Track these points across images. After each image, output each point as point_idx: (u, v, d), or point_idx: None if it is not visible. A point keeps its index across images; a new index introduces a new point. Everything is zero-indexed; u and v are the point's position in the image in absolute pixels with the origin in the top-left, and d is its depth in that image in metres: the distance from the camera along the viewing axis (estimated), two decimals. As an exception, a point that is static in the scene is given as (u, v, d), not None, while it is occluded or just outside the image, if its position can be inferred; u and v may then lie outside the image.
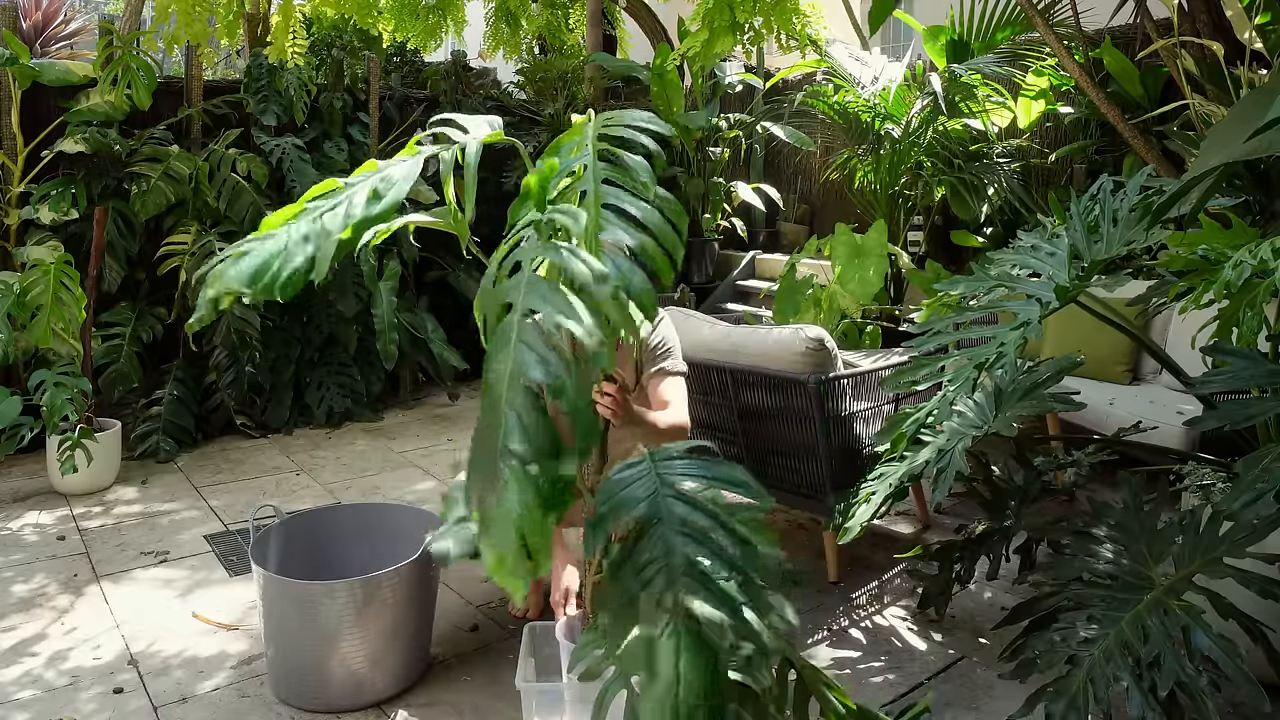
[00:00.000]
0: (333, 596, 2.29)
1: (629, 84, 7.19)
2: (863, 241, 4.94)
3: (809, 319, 4.69)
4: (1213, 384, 2.02)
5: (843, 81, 5.29)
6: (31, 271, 3.83)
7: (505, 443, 1.07)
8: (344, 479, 4.16)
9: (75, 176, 4.43)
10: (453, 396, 5.51)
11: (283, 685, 2.40)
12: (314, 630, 2.30)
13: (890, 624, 2.79)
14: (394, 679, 2.41)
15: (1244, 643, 1.74)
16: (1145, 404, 3.57)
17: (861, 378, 3.05)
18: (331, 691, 2.34)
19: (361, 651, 2.33)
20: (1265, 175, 2.93)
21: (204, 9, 4.87)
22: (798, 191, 7.12)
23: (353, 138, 5.44)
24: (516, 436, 1.08)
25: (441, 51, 6.96)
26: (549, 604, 2.41)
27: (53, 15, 8.56)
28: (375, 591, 2.32)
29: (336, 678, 2.33)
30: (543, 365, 1.13)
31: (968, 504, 3.60)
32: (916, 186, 5.37)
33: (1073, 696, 1.76)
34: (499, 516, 1.03)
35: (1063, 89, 4.90)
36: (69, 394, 3.66)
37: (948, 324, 2.37)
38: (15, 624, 2.81)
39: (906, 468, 2.40)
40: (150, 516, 3.70)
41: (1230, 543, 1.82)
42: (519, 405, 1.10)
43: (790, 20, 5.58)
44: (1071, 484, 2.75)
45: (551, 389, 1.11)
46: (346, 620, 2.30)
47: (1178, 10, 3.50)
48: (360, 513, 2.79)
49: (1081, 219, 2.44)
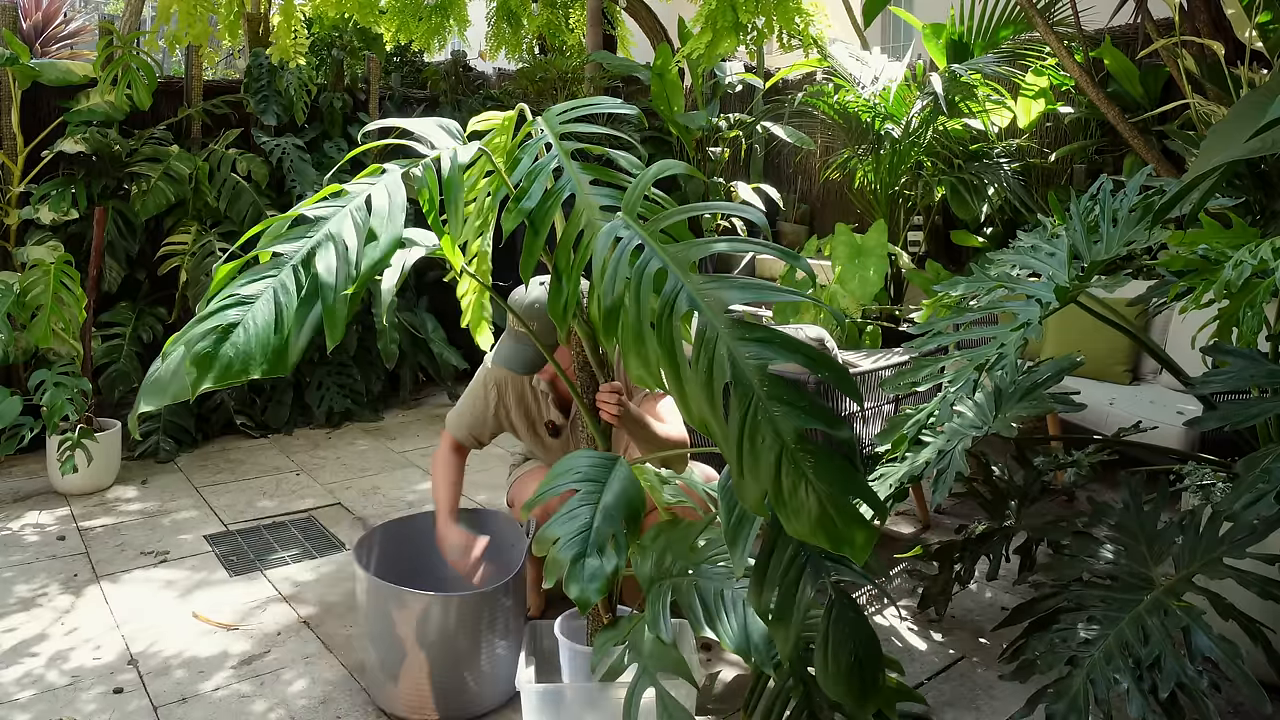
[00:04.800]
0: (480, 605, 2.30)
1: (629, 84, 7.18)
2: (863, 241, 4.94)
3: (809, 319, 4.69)
4: (1213, 384, 2.01)
5: (843, 81, 5.29)
6: (31, 271, 3.84)
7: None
8: (344, 479, 4.16)
9: (75, 176, 4.43)
10: (453, 396, 5.51)
11: (383, 693, 2.38)
12: (453, 639, 2.29)
13: (890, 624, 2.79)
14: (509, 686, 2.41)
15: (1244, 643, 1.74)
16: (1145, 404, 3.57)
17: (861, 378, 3.05)
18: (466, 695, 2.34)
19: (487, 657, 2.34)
20: (1265, 175, 2.93)
21: (205, 9, 4.86)
22: (798, 191, 7.12)
23: (353, 138, 5.44)
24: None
25: (442, 51, 6.95)
26: (549, 604, 2.41)
27: (53, 15, 8.55)
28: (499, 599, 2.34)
29: (470, 686, 2.33)
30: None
31: (968, 504, 3.60)
32: (916, 186, 5.37)
33: (1073, 697, 1.75)
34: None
35: (1063, 89, 4.89)
36: (69, 394, 3.66)
37: (948, 324, 2.37)
38: (15, 624, 2.81)
39: (907, 468, 2.39)
40: (150, 516, 3.70)
41: (1230, 543, 1.82)
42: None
43: (793, 19, 5.57)
44: (1071, 484, 2.75)
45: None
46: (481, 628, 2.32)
47: (1178, 10, 3.50)
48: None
49: (1081, 219, 2.43)
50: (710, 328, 1.27)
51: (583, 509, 1.54)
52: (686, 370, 1.29)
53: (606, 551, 1.45)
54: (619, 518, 1.50)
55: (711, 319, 1.28)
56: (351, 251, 1.32)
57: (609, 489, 1.57)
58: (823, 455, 1.20)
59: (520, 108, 1.78)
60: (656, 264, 1.37)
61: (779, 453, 1.20)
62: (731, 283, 1.34)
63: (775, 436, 1.20)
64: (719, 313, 1.29)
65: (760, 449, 1.21)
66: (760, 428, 1.21)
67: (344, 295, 1.28)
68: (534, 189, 1.55)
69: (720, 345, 1.25)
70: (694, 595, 1.66)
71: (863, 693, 1.46)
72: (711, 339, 1.26)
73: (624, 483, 1.57)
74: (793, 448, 1.20)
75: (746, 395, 1.22)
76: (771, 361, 1.24)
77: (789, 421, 1.21)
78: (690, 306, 1.31)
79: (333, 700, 2.42)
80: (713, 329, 1.27)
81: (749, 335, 1.26)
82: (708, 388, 1.25)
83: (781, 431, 1.21)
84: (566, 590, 1.43)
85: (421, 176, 1.50)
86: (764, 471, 1.21)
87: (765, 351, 1.24)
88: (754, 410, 1.22)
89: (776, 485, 1.21)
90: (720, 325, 1.27)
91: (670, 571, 1.75)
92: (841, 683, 1.45)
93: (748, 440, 1.22)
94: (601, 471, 1.62)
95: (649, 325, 1.32)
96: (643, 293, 1.34)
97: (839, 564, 1.54)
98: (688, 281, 1.33)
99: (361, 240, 1.34)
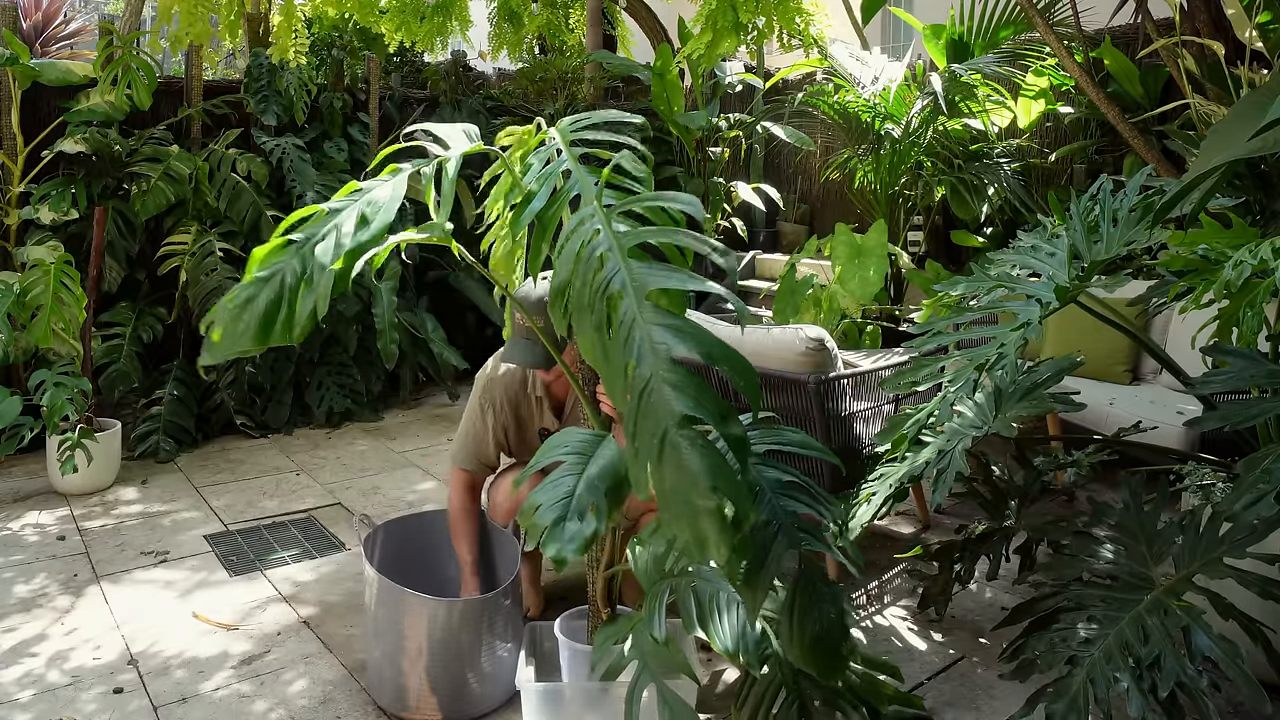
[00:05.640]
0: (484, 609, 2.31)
1: (629, 83, 7.18)
2: (863, 241, 4.94)
3: (809, 319, 4.69)
4: (1213, 384, 2.02)
5: (843, 81, 5.29)
6: (31, 271, 3.84)
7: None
8: (344, 479, 4.16)
9: (75, 176, 4.43)
10: (453, 396, 5.51)
11: (386, 693, 2.38)
12: (460, 641, 2.30)
13: (890, 624, 2.79)
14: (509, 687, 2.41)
15: (1244, 643, 1.74)
16: (1145, 404, 3.57)
17: (861, 378, 3.05)
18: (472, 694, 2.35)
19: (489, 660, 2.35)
20: (1265, 175, 2.93)
21: (206, 8, 4.87)
22: (797, 191, 7.12)
23: (353, 138, 5.44)
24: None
25: (444, 51, 6.95)
26: (549, 604, 2.42)
27: (53, 15, 8.55)
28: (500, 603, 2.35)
29: (473, 688, 2.34)
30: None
31: (968, 504, 3.60)
32: (916, 186, 5.37)
33: (1073, 697, 1.75)
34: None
35: (1063, 89, 4.90)
36: (69, 394, 3.66)
37: (948, 324, 2.37)
38: (16, 624, 2.81)
39: (907, 468, 2.39)
40: (150, 516, 3.70)
41: (1230, 543, 1.82)
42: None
43: (793, 19, 5.57)
44: (1071, 484, 2.75)
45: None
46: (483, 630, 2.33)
47: (1178, 10, 3.50)
48: (443, 519, 2.76)
49: (1081, 219, 2.43)
50: (629, 310, 1.33)
51: (567, 478, 1.57)
52: (611, 348, 1.34)
53: (587, 517, 1.46)
54: (601, 488, 1.51)
55: (634, 302, 1.33)
56: (345, 236, 1.47)
57: (594, 461, 1.59)
58: (699, 444, 1.21)
59: (538, 120, 1.86)
60: (604, 247, 1.43)
61: (661, 435, 1.23)
62: (663, 271, 1.39)
63: (659, 419, 1.23)
64: (641, 297, 1.34)
65: (645, 427, 1.25)
66: (652, 409, 1.24)
67: (329, 271, 1.42)
68: (543, 191, 1.60)
69: (637, 328, 1.31)
70: (690, 596, 1.67)
71: (830, 664, 1.50)
72: (629, 320, 1.32)
73: (610, 457, 1.59)
74: (674, 432, 1.22)
75: (645, 377, 1.27)
76: (674, 348, 1.28)
77: (676, 405, 1.23)
78: (620, 287, 1.36)
79: (333, 700, 2.42)
80: (630, 311, 1.33)
81: (664, 321, 1.31)
82: (621, 365, 1.30)
83: (666, 415, 1.23)
84: (545, 550, 1.44)
85: (430, 174, 1.62)
86: (644, 453, 1.24)
87: (671, 338, 1.29)
88: (648, 391, 1.25)
89: (658, 467, 1.23)
90: (637, 309, 1.33)
91: (671, 572, 1.76)
92: (806, 652, 1.48)
93: (641, 419, 1.25)
94: (589, 446, 1.65)
95: (585, 304, 1.39)
96: (587, 271, 1.42)
97: (809, 535, 1.57)
98: (624, 264, 1.39)
99: (356, 226, 1.49)
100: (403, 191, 1.56)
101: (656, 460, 1.22)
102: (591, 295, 1.38)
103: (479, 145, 1.72)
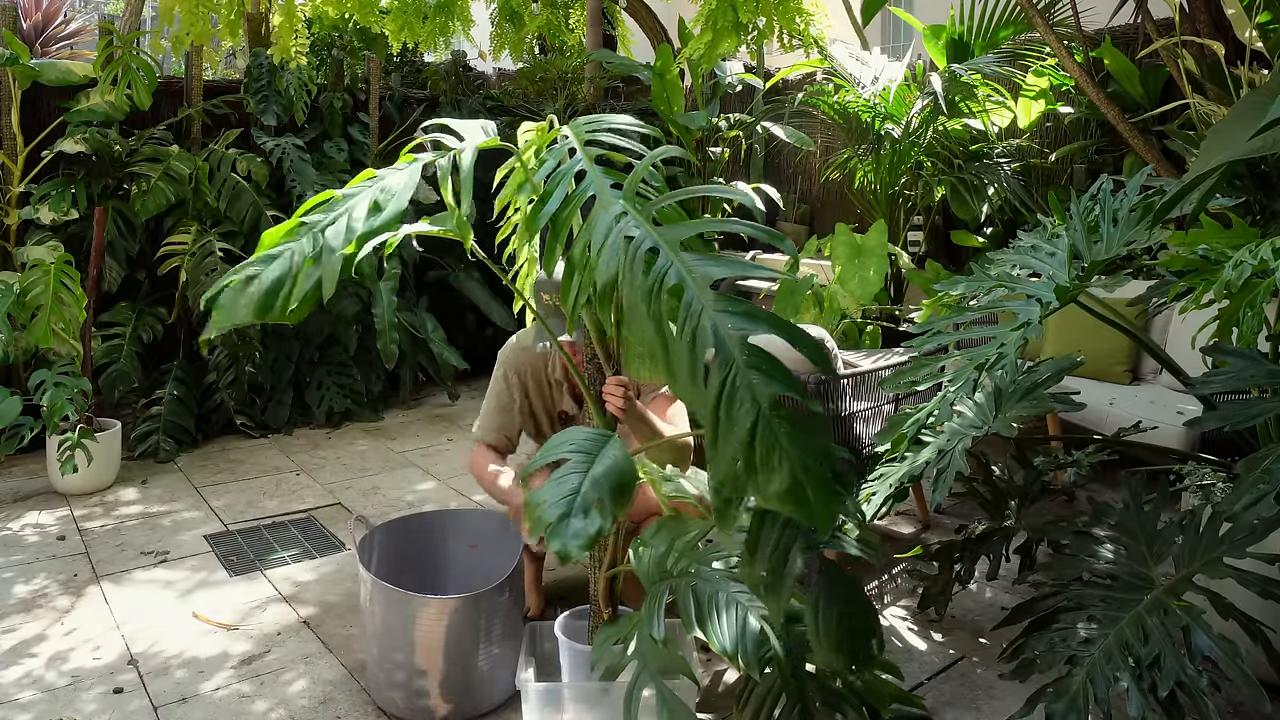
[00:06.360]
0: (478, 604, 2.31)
1: (629, 83, 7.18)
2: (863, 241, 4.94)
3: (809, 319, 4.69)
4: (1213, 384, 2.02)
5: (843, 81, 5.29)
6: (31, 271, 3.84)
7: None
8: (344, 479, 4.16)
9: (75, 176, 4.43)
10: (453, 396, 5.51)
11: (385, 693, 2.38)
12: (463, 639, 2.30)
13: (890, 624, 2.79)
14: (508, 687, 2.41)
15: (1244, 643, 1.74)
16: (1145, 404, 3.57)
17: (861, 378, 3.05)
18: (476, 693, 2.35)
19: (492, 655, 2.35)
20: (1265, 175, 2.93)
21: (207, 8, 4.87)
22: (798, 191, 7.12)
23: (353, 138, 5.44)
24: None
25: (446, 50, 6.95)
26: (549, 604, 2.42)
27: (53, 15, 8.55)
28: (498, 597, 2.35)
29: (477, 683, 2.34)
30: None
31: (968, 504, 3.60)
32: (916, 186, 5.37)
33: (1073, 697, 1.75)
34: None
35: (1063, 89, 4.89)
36: (69, 394, 3.66)
37: (948, 324, 2.37)
38: (15, 624, 2.81)
39: (907, 468, 2.40)
40: (150, 516, 3.70)
41: (1230, 543, 1.82)
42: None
43: (793, 19, 5.56)
44: (1071, 484, 2.75)
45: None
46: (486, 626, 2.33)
47: (1178, 10, 3.50)
48: (441, 519, 2.76)
49: (1081, 219, 2.43)
50: (696, 300, 1.33)
51: (572, 475, 1.57)
52: (673, 341, 1.33)
53: (591, 514, 1.46)
54: (606, 487, 1.51)
55: (697, 292, 1.34)
56: (357, 221, 1.50)
57: (600, 461, 1.59)
58: (798, 423, 1.24)
59: (550, 118, 1.86)
60: (649, 243, 1.44)
61: (755, 418, 1.23)
62: (717, 261, 1.41)
63: (753, 401, 1.24)
64: (704, 287, 1.35)
65: (736, 414, 1.25)
66: (738, 393, 1.25)
67: (339, 254, 1.45)
68: (557, 191, 1.62)
69: (705, 317, 1.31)
70: (689, 596, 1.67)
71: (853, 656, 1.50)
72: (697, 310, 1.32)
73: (616, 456, 1.59)
74: (769, 413, 1.22)
75: (727, 362, 1.27)
76: (752, 333, 1.29)
77: (766, 388, 1.24)
78: (678, 280, 1.37)
79: (333, 700, 2.42)
80: (698, 301, 1.33)
81: (732, 309, 1.32)
82: (691, 356, 1.30)
83: (759, 397, 1.24)
84: (549, 546, 1.44)
85: (446, 166, 1.65)
86: (738, 436, 1.24)
87: (746, 323, 1.30)
88: (733, 376, 1.26)
89: (750, 451, 1.23)
90: (705, 298, 1.33)
91: (672, 572, 1.76)
92: (831, 646, 1.48)
93: (724, 406, 1.26)
94: (595, 445, 1.65)
95: (640, 300, 1.38)
96: (635, 269, 1.42)
97: (830, 538, 1.58)
98: (676, 259, 1.39)
99: (368, 212, 1.51)
100: (416, 180, 1.58)
101: (749, 442, 1.22)
102: (647, 290, 1.39)
103: (495, 139, 1.72)
